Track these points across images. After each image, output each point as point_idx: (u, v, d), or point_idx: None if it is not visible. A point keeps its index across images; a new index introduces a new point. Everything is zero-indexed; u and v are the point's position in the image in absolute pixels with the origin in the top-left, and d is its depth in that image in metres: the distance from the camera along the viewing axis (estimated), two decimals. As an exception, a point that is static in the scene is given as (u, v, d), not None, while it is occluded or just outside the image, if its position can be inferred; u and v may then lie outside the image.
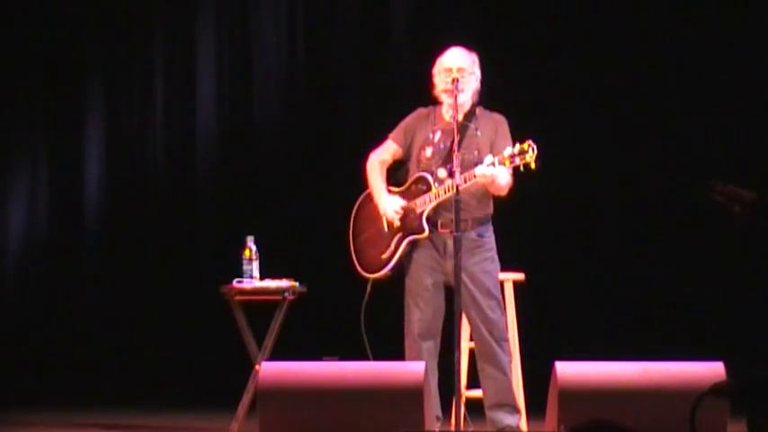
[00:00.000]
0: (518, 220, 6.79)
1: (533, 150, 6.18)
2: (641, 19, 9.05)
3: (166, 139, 9.84)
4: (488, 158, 6.27)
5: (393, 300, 6.61)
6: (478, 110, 6.56)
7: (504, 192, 6.42)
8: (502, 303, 6.56)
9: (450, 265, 6.32)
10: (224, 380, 8.23)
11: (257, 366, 7.09)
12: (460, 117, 6.43)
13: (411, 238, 6.51)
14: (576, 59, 9.04)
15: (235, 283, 7.29)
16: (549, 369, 5.97)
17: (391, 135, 6.71)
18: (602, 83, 9.03)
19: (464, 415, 6.23)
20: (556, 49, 9.06)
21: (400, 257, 6.53)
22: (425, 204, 6.47)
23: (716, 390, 3.90)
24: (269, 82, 9.72)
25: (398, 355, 6.51)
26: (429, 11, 9.37)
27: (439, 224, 6.43)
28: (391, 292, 6.62)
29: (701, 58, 8.98)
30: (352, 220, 6.78)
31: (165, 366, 9.36)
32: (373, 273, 6.61)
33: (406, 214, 6.52)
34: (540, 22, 9.13)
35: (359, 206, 6.78)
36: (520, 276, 6.88)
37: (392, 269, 6.55)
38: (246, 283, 7.28)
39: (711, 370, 5.75)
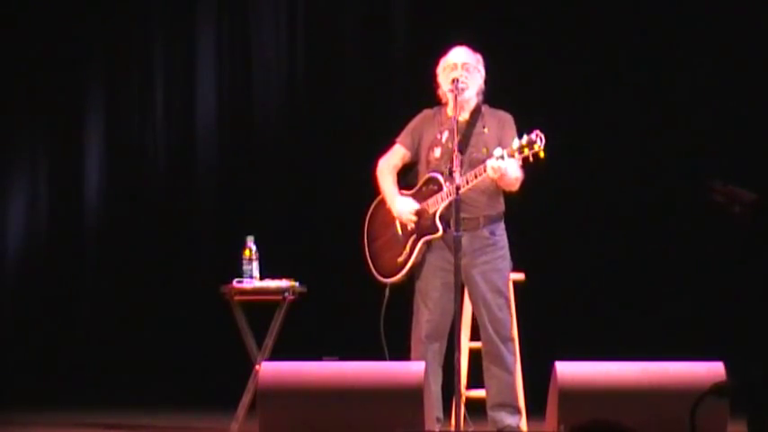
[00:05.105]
0: (518, 220, 6.78)
1: (541, 140, 6.17)
2: (643, 18, 9.05)
3: (166, 139, 9.84)
4: (498, 151, 6.25)
5: (407, 302, 6.61)
6: (484, 108, 6.57)
7: (515, 186, 6.41)
8: (510, 303, 6.57)
9: (463, 263, 6.31)
10: (224, 380, 8.23)
11: (257, 366, 7.09)
12: (467, 115, 6.49)
13: (426, 238, 6.51)
14: (573, 60, 9.04)
15: (235, 283, 7.29)
16: (549, 369, 5.97)
17: (398, 139, 6.71)
18: (601, 82, 9.03)
19: (464, 415, 6.23)
20: (554, 50, 9.06)
21: (416, 260, 6.53)
22: (438, 204, 6.46)
23: (716, 390, 3.90)
24: (269, 82, 9.72)
25: (409, 357, 6.52)
26: (430, 10, 9.37)
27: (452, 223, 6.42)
28: (405, 294, 6.62)
29: (702, 57, 8.98)
30: (365, 226, 6.77)
31: (165, 366, 9.36)
32: (390, 277, 6.60)
33: (420, 215, 6.52)
34: (540, 23, 9.13)
35: (372, 212, 6.77)
36: (520, 276, 6.88)
37: (409, 272, 6.55)
38: (246, 283, 7.28)
39: (711, 370, 5.76)
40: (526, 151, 6.20)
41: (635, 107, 9.01)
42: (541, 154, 6.17)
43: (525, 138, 6.23)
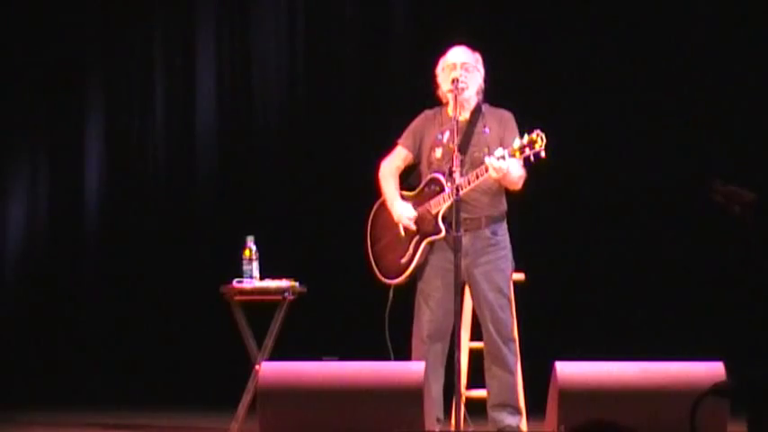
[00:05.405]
0: (518, 220, 6.78)
1: (542, 139, 6.18)
2: (643, 17, 9.05)
3: (166, 139, 9.84)
4: (498, 151, 6.26)
5: (408, 303, 6.61)
6: (485, 107, 6.57)
7: (518, 186, 6.42)
8: (512, 303, 6.57)
9: (465, 264, 6.31)
10: (224, 380, 8.23)
11: (257, 366, 7.09)
12: (467, 115, 6.49)
13: (429, 239, 6.50)
14: (574, 59, 9.04)
15: (235, 283, 7.29)
16: (549, 369, 5.97)
17: (400, 141, 6.71)
18: (602, 82, 9.02)
19: (464, 415, 6.23)
20: (555, 49, 9.06)
21: (420, 261, 6.52)
22: (440, 205, 6.46)
23: (716, 390, 3.89)
24: (269, 82, 9.72)
25: (410, 357, 6.52)
26: (429, 11, 9.37)
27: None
28: (406, 296, 6.62)
29: (702, 57, 8.98)
30: (368, 227, 6.77)
31: (166, 366, 9.35)
32: (394, 278, 6.60)
33: (422, 217, 6.51)
34: (540, 22, 9.13)
35: (375, 214, 6.77)
36: (520, 276, 6.88)
37: (413, 273, 6.54)
38: (246, 283, 7.27)
39: (711, 370, 5.75)
40: (527, 151, 6.20)
41: (636, 107, 9.01)
42: (542, 153, 6.18)
43: (526, 137, 6.23)
